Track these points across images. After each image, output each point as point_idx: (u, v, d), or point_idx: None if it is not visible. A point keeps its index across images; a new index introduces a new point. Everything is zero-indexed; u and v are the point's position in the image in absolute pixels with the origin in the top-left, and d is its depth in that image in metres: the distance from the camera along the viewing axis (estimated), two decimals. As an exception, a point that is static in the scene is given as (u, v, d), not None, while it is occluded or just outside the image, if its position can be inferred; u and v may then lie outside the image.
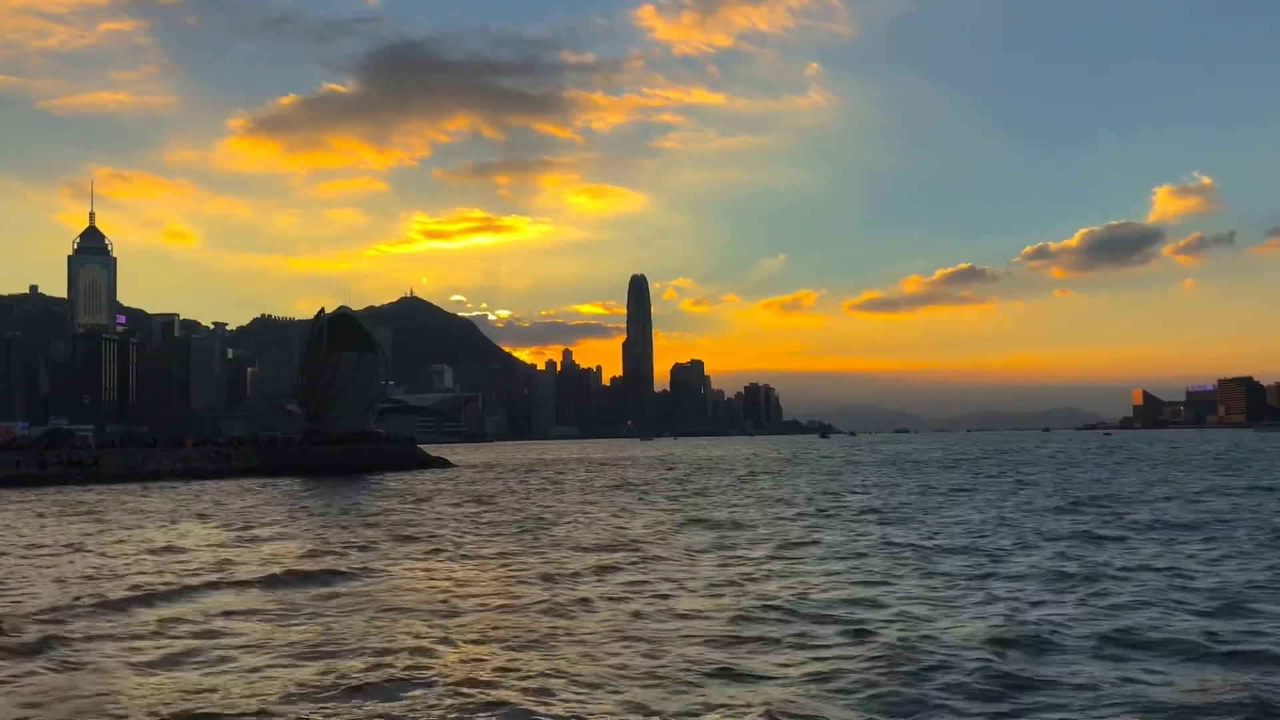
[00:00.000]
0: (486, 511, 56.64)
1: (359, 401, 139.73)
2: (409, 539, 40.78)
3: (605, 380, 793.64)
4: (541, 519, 50.22)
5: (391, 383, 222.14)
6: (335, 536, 42.37)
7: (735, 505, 58.17)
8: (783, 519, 47.95)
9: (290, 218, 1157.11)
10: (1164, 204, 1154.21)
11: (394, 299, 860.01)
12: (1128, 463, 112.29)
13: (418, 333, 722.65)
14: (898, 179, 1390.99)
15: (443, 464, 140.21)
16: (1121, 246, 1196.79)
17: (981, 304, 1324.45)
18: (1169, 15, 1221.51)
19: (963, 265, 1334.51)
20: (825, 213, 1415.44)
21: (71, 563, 34.44)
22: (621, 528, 44.54)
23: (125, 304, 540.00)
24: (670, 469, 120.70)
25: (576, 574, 29.52)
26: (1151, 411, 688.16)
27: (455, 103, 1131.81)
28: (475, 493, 76.64)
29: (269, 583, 28.46)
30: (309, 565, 32.21)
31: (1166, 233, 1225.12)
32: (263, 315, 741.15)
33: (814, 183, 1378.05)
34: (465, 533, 43.45)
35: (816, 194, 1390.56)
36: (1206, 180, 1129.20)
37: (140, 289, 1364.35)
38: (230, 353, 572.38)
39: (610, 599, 24.97)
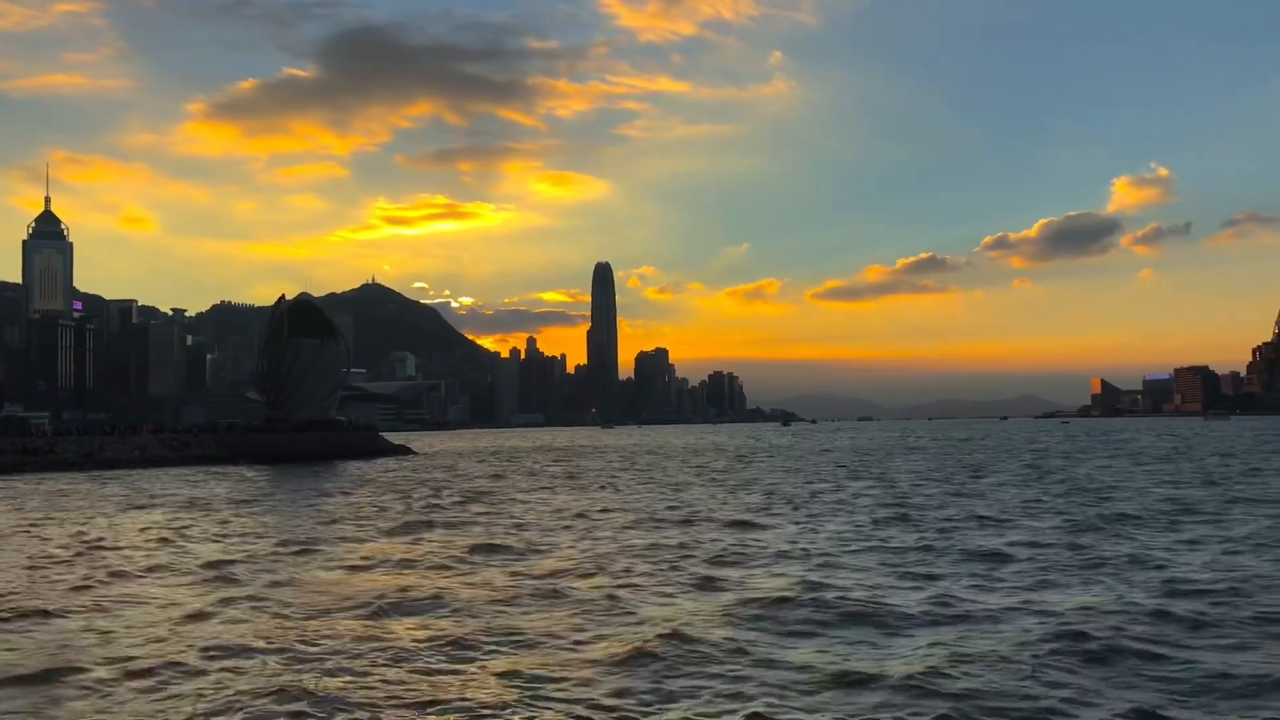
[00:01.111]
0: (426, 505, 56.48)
1: (320, 389, 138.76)
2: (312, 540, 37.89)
3: (569, 368, 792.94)
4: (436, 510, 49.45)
5: (353, 370, 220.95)
6: (256, 529, 41.62)
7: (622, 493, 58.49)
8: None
9: (250, 203, 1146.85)
10: (1122, 195, 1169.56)
11: (355, 286, 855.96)
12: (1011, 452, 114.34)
13: (380, 320, 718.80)
14: (860, 168, 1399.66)
15: (405, 451, 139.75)
16: (1080, 237, 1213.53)
17: (943, 293, 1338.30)
18: (1128, 8, 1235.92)
19: (924, 255, 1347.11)
20: (789, 201, 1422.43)
21: None
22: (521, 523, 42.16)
23: (82, 290, 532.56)
24: (628, 458, 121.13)
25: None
26: (1109, 400, 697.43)
27: (417, 88, 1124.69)
28: (433, 481, 76.43)
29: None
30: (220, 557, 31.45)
31: (1124, 223, 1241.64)
32: (222, 302, 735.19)
33: (777, 171, 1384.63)
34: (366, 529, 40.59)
35: (780, 183, 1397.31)
36: (1164, 172, 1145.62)
37: (97, 275, 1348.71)
38: (189, 339, 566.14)
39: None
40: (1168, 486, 55.83)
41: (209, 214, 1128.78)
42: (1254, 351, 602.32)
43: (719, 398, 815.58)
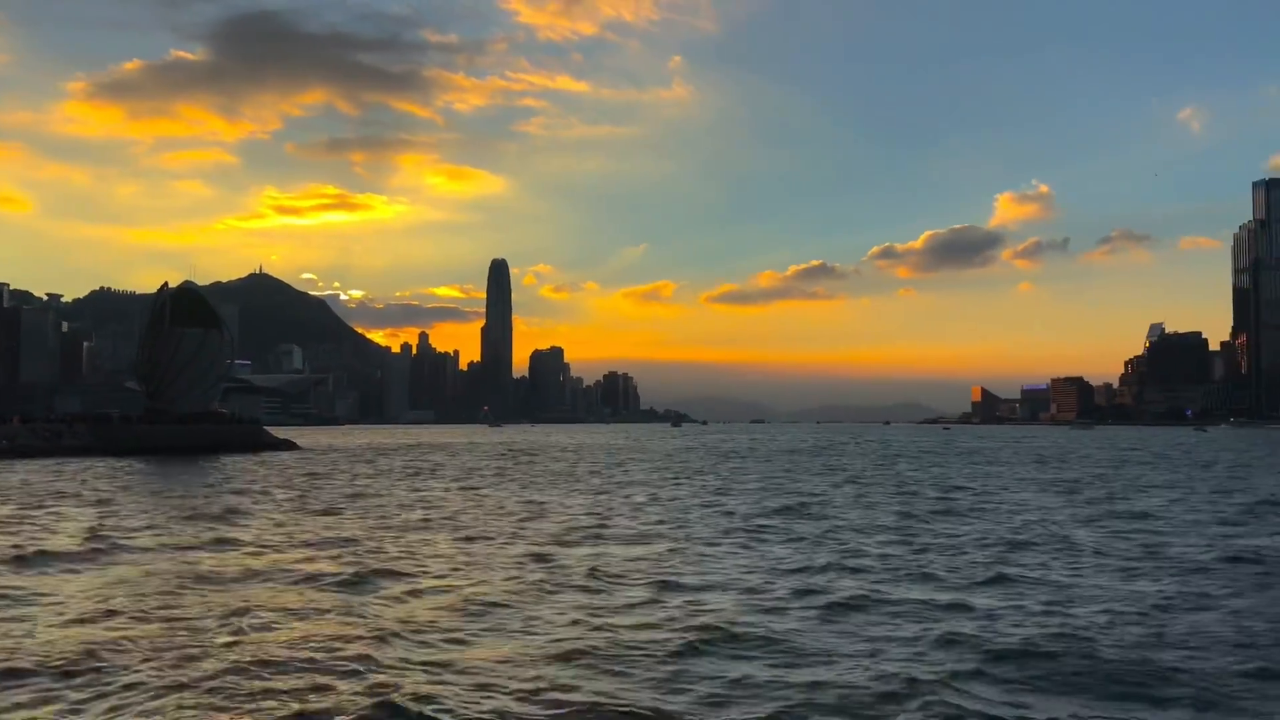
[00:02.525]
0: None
1: (202, 380, 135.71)
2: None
3: (462, 365, 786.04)
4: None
5: (238, 361, 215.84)
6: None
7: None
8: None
9: (132, 187, 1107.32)
10: (1004, 210, 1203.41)
11: (242, 275, 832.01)
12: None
13: (266, 311, 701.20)
14: (755, 174, 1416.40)
15: (290, 446, 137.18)
16: (963, 249, 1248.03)
17: (832, 300, 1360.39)
18: (1017, 27, 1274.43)
19: (815, 262, 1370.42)
20: (685, 205, 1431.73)
21: None
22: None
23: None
24: (499, 457, 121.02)
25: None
26: (989, 408, 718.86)
27: (310, 76, 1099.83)
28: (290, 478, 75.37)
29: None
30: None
31: (1006, 237, 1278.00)
32: (101, 288, 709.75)
33: (675, 174, 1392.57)
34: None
35: (677, 186, 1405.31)
36: (1044, 188, 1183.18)
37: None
38: (65, 326, 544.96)
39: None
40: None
41: (88, 196, 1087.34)
42: (1126, 364, 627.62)
43: (613, 398, 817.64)
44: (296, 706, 14.59)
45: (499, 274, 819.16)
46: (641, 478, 73.60)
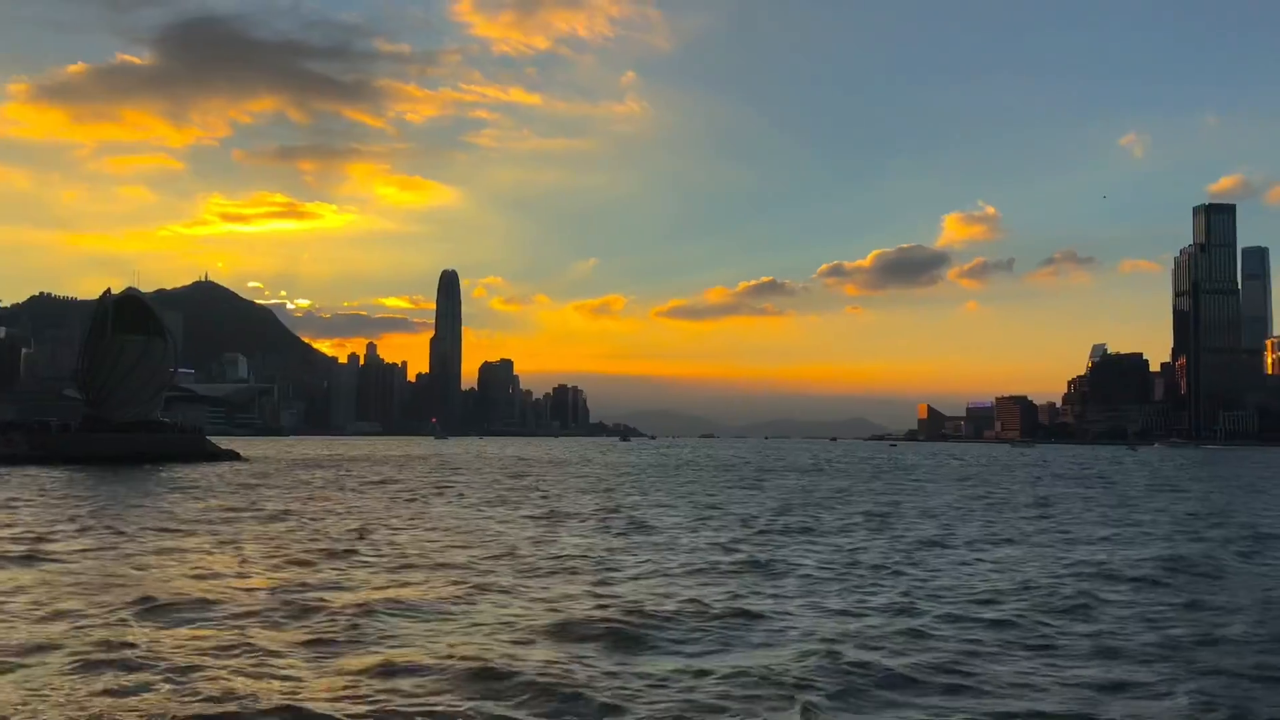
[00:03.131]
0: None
1: (144, 388, 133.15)
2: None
3: (411, 376, 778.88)
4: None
5: (181, 370, 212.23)
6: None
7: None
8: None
9: (75, 191, 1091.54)
10: (952, 230, 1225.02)
11: (187, 283, 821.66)
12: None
13: (211, 319, 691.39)
14: (707, 191, 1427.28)
15: (234, 457, 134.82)
16: (911, 268, 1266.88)
17: (781, 316, 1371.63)
18: (966, 51, 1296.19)
19: (764, 279, 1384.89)
20: (637, 219, 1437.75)
21: None
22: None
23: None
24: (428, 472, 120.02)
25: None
26: (935, 425, 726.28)
27: (260, 83, 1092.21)
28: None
29: None
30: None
31: (952, 257, 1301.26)
32: (41, 293, 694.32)
33: (627, 189, 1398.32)
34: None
35: (629, 200, 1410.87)
36: (991, 210, 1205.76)
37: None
38: (3, 331, 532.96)
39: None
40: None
41: (29, 200, 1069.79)
42: (1069, 384, 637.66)
43: (563, 411, 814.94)
44: None
45: (449, 285, 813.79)
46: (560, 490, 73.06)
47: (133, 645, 19.44)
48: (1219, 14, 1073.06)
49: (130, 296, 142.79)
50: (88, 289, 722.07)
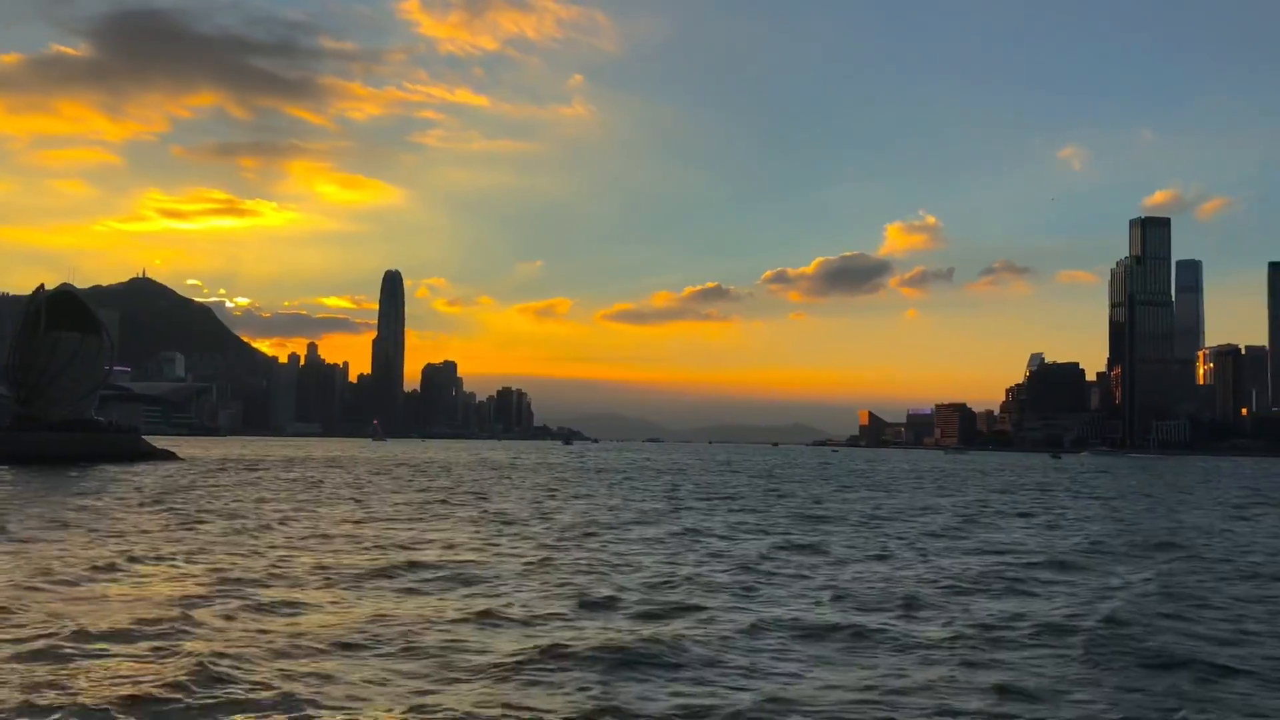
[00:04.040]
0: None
1: (79, 387, 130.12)
2: None
3: (352, 377, 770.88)
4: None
5: (117, 368, 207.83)
6: None
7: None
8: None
9: (7, 184, 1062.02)
10: (894, 239, 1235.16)
11: (124, 279, 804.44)
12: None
13: (148, 317, 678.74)
14: (653, 195, 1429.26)
15: (170, 457, 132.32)
16: (853, 276, 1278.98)
17: (726, 322, 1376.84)
18: (911, 66, 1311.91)
19: (710, 284, 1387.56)
20: (583, 222, 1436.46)
21: None
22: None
23: None
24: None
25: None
26: (876, 431, 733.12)
27: (200, 78, 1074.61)
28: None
29: None
30: None
31: (894, 265, 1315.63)
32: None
33: (573, 192, 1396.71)
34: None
35: (575, 203, 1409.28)
36: (932, 219, 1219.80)
37: None
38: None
39: None
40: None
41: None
42: (1007, 392, 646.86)
43: (507, 414, 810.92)
44: None
45: (392, 286, 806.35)
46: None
47: None
48: (1157, 33, 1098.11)
49: (65, 292, 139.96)
50: (20, 284, 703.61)
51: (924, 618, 24.01)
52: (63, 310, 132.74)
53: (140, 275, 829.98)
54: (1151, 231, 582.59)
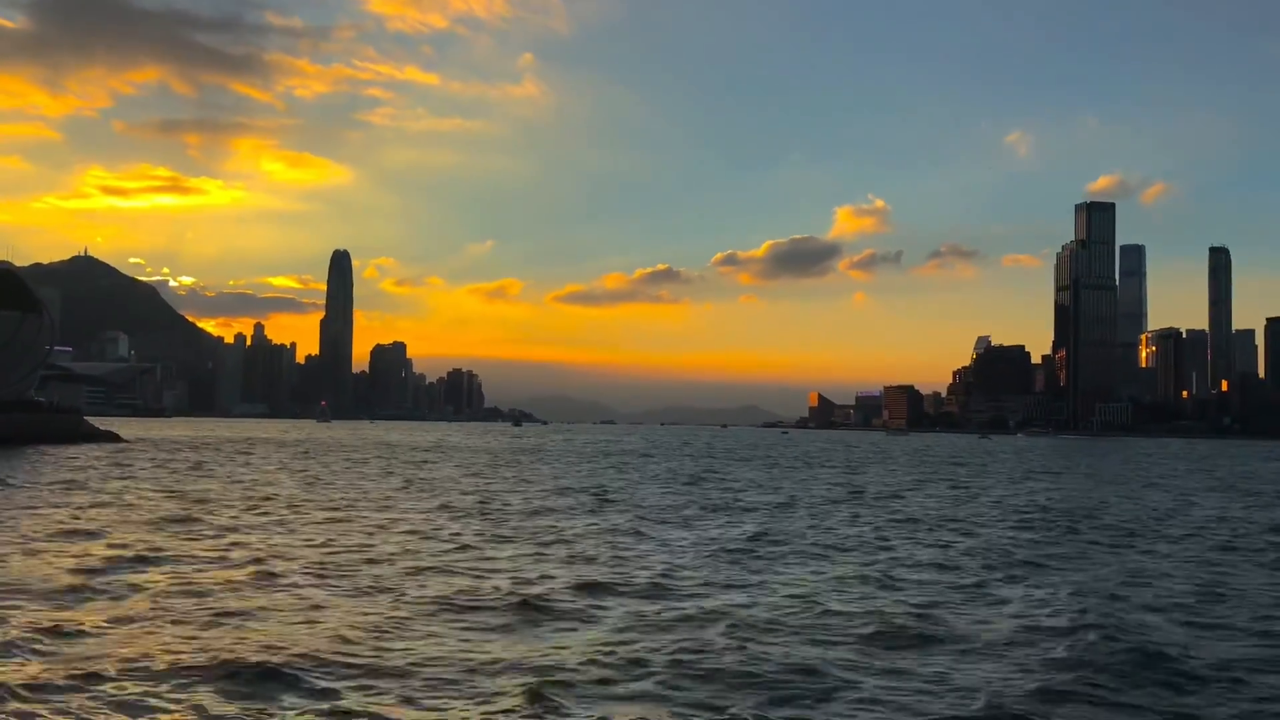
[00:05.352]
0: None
1: (18, 367, 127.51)
2: None
3: (300, 358, 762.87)
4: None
5: (58, 348, 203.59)
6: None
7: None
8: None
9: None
10: (843, 223, 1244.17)
11: (65, 257, 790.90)
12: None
13: (90, 295, 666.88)
14: (603, 176, 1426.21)
15: (112, 438, 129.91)
16: (803, 259, 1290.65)
17: (676, 304, 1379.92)
18: (858, 51, 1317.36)
19: (660, 266, 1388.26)
20: (533, 203, 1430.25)
21: None
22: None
23: None
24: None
25: None
26: (825, 413, 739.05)
27: (143, 53, 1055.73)
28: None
29: None
30: None
31: (843, 248, 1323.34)
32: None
33: (524, 172, 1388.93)
34: None
35: (526, 183, 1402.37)
36: (880, 203, 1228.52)
37: None
38: None
39: None
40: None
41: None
42: (954, 374, 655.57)
43: (457, 396, 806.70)
44: None
45: (340, 265, 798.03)
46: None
47: None
48: (1102, 21, 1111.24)
49: (4, 270, 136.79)
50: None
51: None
52: (1, 288, 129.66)
53: (82, 253, 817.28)
54: (1096, 216, 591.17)
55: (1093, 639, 19.31)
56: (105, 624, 19.33)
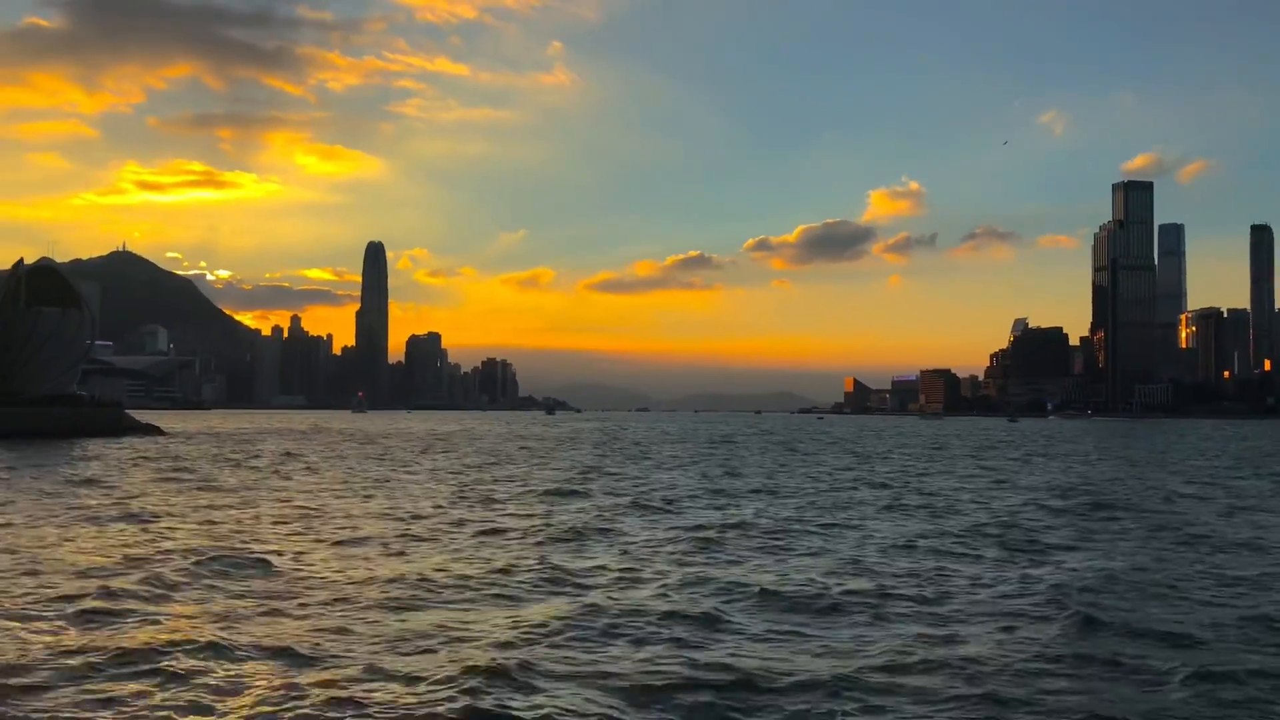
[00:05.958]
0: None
1: (60, 361, 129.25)
2: None
3: (336, 349, 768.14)
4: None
5: (99, 342, 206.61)
6: None
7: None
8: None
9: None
10: (877, 205, 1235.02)
11: (103, 253, 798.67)
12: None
13: (129, 290, 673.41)
14: (634, 163, 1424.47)
15: (154, 431, 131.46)
16: (836, 243, 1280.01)
17: (709, 290, 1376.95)
18: (892, 33, 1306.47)
19: (692, 253, 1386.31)
20: (565, 191, 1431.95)
21: None
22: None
23: None
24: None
25: None
26: (860, 398, 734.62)
27: (176, 49, 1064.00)
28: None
29: None
30: None
31: (877, 232, 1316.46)
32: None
33: (555, 160, 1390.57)
34: None
35: (557, 172, 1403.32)
36: (915, 185, 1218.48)
37: None
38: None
39: None
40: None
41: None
42: (991, 357, 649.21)
43: (491, 385, 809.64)
44: None
45: (375, 257, 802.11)
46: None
47: None
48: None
49: (44, 266, 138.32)
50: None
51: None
52: (43, 285, 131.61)
53: (120, 249, 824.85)
54: (1134, 195, 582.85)
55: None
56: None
